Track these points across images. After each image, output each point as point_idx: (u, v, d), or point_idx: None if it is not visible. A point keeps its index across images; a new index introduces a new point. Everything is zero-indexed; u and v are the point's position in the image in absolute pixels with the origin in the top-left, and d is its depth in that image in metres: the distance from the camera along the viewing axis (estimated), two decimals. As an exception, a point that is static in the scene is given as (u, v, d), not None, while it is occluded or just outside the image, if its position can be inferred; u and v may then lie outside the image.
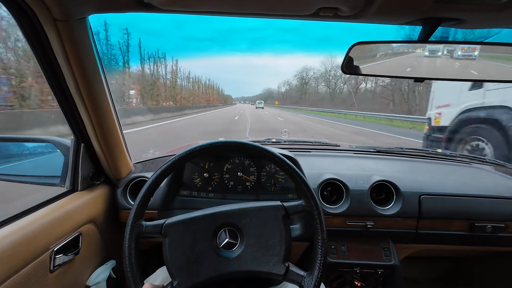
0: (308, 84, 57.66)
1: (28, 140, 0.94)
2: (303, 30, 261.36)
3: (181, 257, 0.59)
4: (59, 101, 0.78)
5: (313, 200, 0.62)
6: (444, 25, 0.61)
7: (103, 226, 0.97)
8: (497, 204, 1.03)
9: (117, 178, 1.04)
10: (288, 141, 1.49)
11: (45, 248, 0.71)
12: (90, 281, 0.91)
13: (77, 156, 0.89)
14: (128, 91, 22.47)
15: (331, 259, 1.04)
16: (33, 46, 0.66)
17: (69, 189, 0.90)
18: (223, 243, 0.60)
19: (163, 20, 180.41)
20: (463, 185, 1.08)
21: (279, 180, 1.05)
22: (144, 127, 9.52)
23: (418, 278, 1.52)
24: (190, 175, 1.05)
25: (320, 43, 30.83)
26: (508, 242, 1.05)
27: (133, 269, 0.58)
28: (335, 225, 1.03)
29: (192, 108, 28.96)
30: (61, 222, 0.78)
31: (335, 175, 1.06)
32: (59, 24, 0.62)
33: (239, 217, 0.62)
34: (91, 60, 0.74)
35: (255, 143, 0.67)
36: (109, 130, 0.89)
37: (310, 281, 0.58)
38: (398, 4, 0.53)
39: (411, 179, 1.09)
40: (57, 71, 0.72)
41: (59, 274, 0.77)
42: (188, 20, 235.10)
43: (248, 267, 0.59)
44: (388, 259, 1.04)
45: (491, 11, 0.54)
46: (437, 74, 0.71)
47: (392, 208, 1.03)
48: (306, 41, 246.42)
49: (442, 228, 1.04)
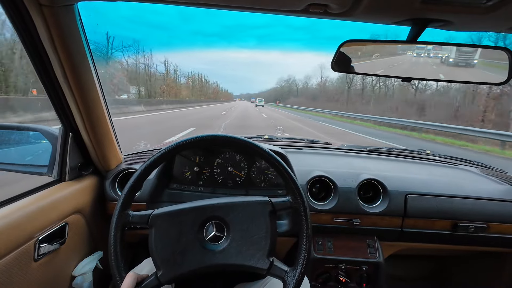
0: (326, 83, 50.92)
1: (14, 128, 0.92)
2: (312, 29, 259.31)
3: (167, 248, 0.59)
4: (46, 89, 0.77)
5: (299, 196, 0.63)
6: (431, 26, 0.62)
7: (90, 217, 0.97)
8: (480, 205, 1.05)
9: (106, 169, 1.03)
10: (280, 138, 1.50)
11: (29, 236, 0.71)
12: (76, 271, 0.91)
13: (65, 146, 0.88)
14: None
15: (317, 255, 1.06)
16: (19, 31, 0.65)
17: (56, 179, 0.90)
18: (210, 236, 0.61)
19: (170, 14, 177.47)
20: (449, 186, 1.11)
21: (269, 176, 1.06)
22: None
23: (403, 276, 1.55)
24: (181, 169, 1.05)
25: (330, 42, 29.73)
26: (489, 241, 1.08)
27: (117, 258, 0.58)
28: (322, 222, 1.05)
29: (173, 103, 24.16)
30: (47, 211, 0.78)
31: (324, 172, 1.07)
32: (45, 9, 0.61)
33: (226, 211, 0.62)
34: (79, 48, 0.73)
35: (245, 138, 0.68)
36: (98, 120, 0.88)
37: (293, 276, 0.59)
38: (386, 3, 0.54)
39: (398, 178, 1.11)
40: (44, 58, 0.71)
41: (44, 263, 0.76)
42: (196, 14, 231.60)
43: (233, 261, 0.60)
44: (373, 256, 1.06)
45: (477, 14, 0.55)
46: (426, 74, 0.72)
47: (378, 206, 1.05)
48: (316, 40, 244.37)
49: (426, 227, 1.06)
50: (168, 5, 0.67)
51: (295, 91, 75.44)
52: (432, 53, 0.69)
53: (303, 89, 68.96)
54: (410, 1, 0.52)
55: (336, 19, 0.61)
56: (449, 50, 0.68)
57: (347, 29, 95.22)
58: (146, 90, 24.84)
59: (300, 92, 69.89)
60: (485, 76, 0.72)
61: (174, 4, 0.66)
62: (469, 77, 0.72)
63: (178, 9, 21.94)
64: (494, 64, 0.68)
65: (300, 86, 73.24)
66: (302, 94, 65.56)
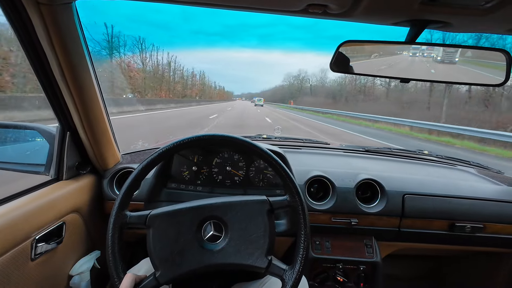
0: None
1: (11, 127, 0.92)
2: (315, 28, 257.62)
3: (165, 248, 0.59)
4: (43, 87, 0.77)
5: (297, 195, 0.63)
6: (430, 28, 0.62)
7: (88, 216, 0.96)
8: (477, 205, 1.06)
9: (103, 169, 1.03)
10: (279, 137, 1.50)
11: (26, 236, 0.70)
12: (73, 271, 0.91)
13: (62, 145, 0.88)
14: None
15: (315, 255, 1.06)
16: (16, 30, 0.65)
17: (53, 178, 0.89)
18: (208, 236, 0.61)
19: (172, 12, 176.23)
20: (446, 186, 1.11)
21: (267, 175, 1.06)
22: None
23: (400, 276, 1.56)
24: (179, 168, 1.04)
25: (332, 42, 28.83)
26: (486, 242, 1.09)
27: (115, 258, 0.58)
28: (320, 222, 1.05)
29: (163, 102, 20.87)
30: (44, 211, 0.77)
31: (323, 172, 1.07)
32: (42, 8, 0.61)
33: (224, 211, 0.62)
34: (77, 47, 0.73)
35: (243, 138, 0.67)
36: (95, 119, 0.87)
37: (291, 275, 0.59)
38: (385, 4, 0.54)
39: (396, 178, 1.11)
40: (42, 56, 0.70)
41: (41, 262, 0.76)
42: (198, 13, 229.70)
43: (231, 260, 0.60)
44: (371, 256, 1.07)
45: (475, 16, 0.55)
46: (423, 75, 0.73)
47: (376, 206, 1.06)
48: (318, 40, 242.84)
49: (424, 227, 1.07)
50: (168, 4, 0.67)
51: (307, 89, 61.13)
52: (425, 52, 0.69)
53: (318, 87, 55.39)
54: (409, 3, 0.52)
55: (335, 19, 0.61)
56: (437, 50, 0.69)
57: (350, 28, 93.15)
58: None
59: (315, 90, 55.99)
60: (483, 77, 0.73)
61: (172, 3, 0.66)
62: (467, 78, 0.72)
63: (180, 8, 21.44)
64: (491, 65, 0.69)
65: (314, 83, 60.06)
66: (318, 92, 51.83)
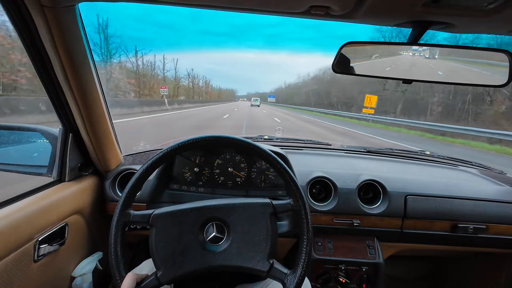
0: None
1: (15, 128, 0.92)
2: (323, 28, 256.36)
3: (167, 248, 0.59)
4: (46, 89, 0.77)
5: (301, 199, 0.63)
6: (433, 29, 0.62)
7: (90, 217, 0.96)
8: (479, 206, 1.06)
9: (105, 170, 1.03)
10: (280, 138, 1.50)
11: (29, 237, 0.71)
12: (75, 272, 0.91)
13: (65, 146, 0.88)
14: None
15: (317, 256, 1.06)
16: (20, 32, 0.65)
17: (56, 179, 0.89)
18: (210, 237, 0.61)
19: (179, 13, 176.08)
20: (448, 187, 1.11)
21: (269, 177, 1.06)
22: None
23: (402, 277, 1.56)
24: (181, 169, 1.04)
25: (341, 42, 27.66)
26: (488, 243, 1.08)
27: (117, 257, 0.58)
28: (322, 223, 1.05)
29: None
30: (47, 212, 0.77)
31: (325, 173, 1.07)
32: (46, 10, 0.61)
33: (227, 212, 0.62)
34: (80, 49, 0.73)
35: (245, 139, 0.67)
36: (98, 121, 0.88)
37: (292, 279, 0.58)
38: (388, 6, 0.54)
39: (398, 179, 1.11)
40: (45, 58, 0.70)
41: (44, 264, 0.76)
42: (204, 13, 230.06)
43: (233, 262, 0.60)
44: (373, 257, 1.06)
45: (478, 16, 0.55)
46: (426, 76, 0.73)
47: (378, 207, 1.05)
48: (326, 39, 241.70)
49: (426, 228, 1.06)
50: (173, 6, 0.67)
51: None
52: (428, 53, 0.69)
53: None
54: (411, 4, 0.52)
55: (338, 21, 0.61)
56: (440, 51, 0.69)
57: (357, 27, 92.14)
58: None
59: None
60: (486, 78, 0.72)
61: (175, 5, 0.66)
62: (469, 79, 0.72)
63: (187, 8, 21.40)
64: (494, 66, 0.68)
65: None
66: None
